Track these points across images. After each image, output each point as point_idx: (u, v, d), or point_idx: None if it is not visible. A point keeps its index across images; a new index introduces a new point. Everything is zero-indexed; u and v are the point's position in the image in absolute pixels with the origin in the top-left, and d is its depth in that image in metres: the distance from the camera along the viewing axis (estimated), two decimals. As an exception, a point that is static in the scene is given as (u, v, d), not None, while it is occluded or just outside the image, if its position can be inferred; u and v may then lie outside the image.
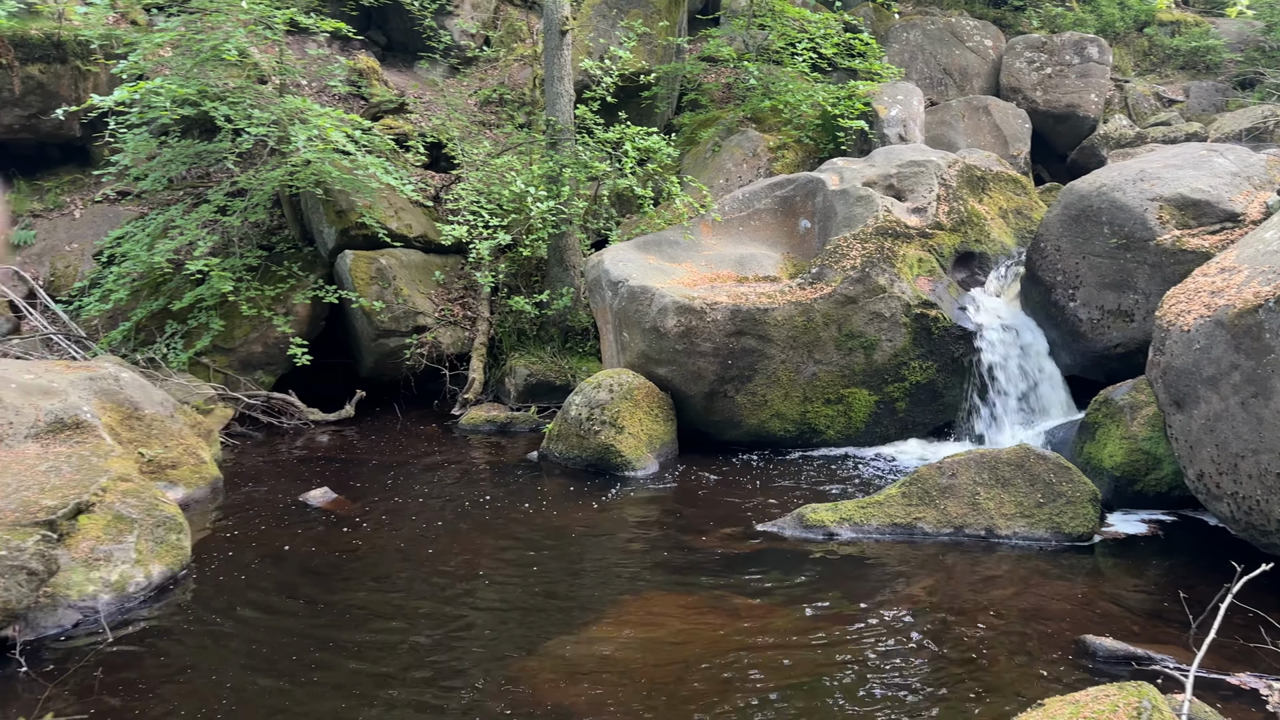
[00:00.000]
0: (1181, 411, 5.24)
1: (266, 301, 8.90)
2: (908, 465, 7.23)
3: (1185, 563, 5.25)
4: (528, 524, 6.19)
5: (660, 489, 6.92)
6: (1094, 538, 5.59)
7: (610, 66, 9.50)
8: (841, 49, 11.14)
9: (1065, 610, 4.74)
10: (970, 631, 4.53)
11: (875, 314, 7.57)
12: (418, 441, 8.36)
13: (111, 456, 5.53)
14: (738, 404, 7.63)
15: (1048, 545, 5.53)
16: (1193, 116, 13.01)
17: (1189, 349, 5.13)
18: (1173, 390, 5.28)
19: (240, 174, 9.00)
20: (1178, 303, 5.41)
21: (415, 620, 4.75)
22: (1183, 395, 5.21)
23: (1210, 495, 5.14)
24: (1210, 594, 4.50)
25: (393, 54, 12.31)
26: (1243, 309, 4.87)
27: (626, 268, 8.14)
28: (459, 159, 9.98)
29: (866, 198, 8.15)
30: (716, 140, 11.01)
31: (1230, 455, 4.93)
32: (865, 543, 5.69)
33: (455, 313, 9.62)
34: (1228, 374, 4.91)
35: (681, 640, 4.49)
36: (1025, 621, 4.64)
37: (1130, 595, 4.94)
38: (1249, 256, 5.33)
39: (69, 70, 10.11)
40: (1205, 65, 14.11)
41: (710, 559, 5.52)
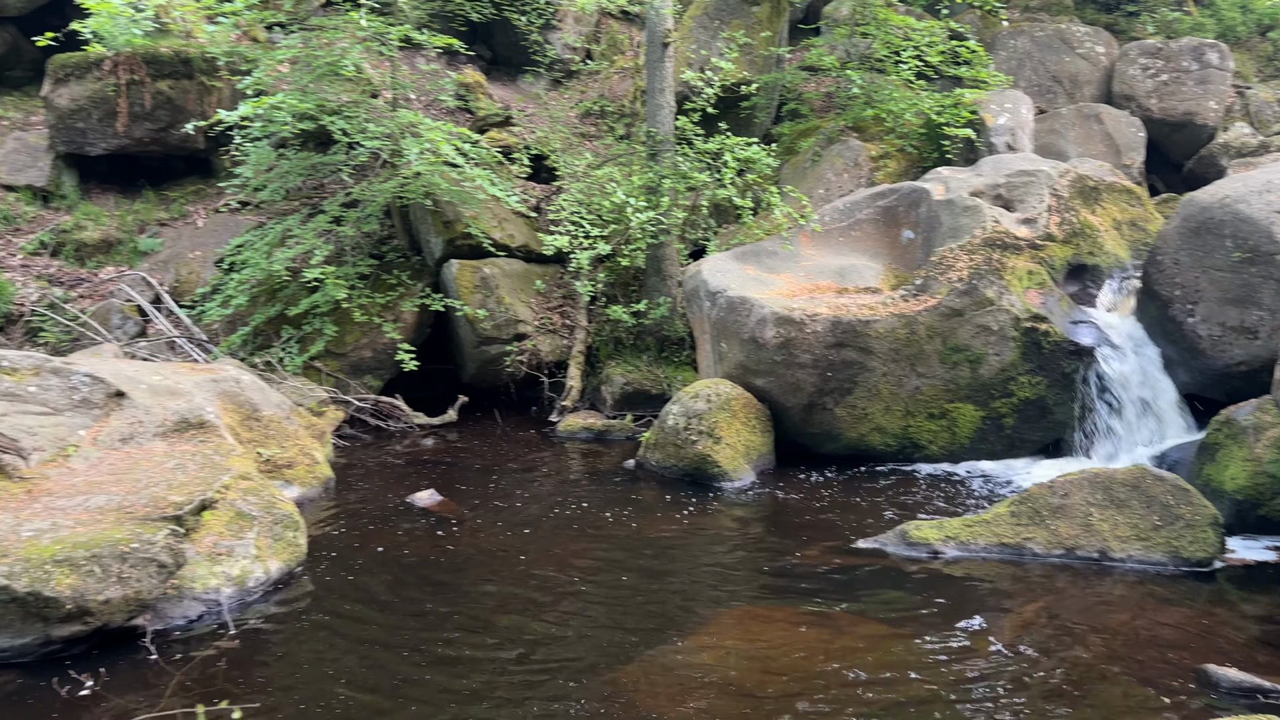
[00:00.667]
0: (1314, 434, 4.98)
1: (377, 308, 9.19)
2: (1015, 483, 7.04)
3: (1316, 594, 4.99)
4: (624, 532, 6.24)
5: (757, 501, 6.89)
6: (1214, 563, 5.35)
7: (712, 78, 9.53)
8: (947, 57, 10.94)
9: (1184, 638, 4.55)
10: (1083, 656, 4.40)
11: (982, 327, 7.40)
12: (517, 447, 8.52)
13: (233, 455, 5.79)
14: (837, 417, 7.55)
15: (1165, 570, 5.32)
16: (1323, 123, 12.35)
17: (1323, 369, 4.88)
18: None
19: (354, 185, 9.33)
20: (1310, 320, 5.15)
21: (514, 625, 4.84)
22: (1316, 417, 4.95)
23: (1345, 523, 4.87)
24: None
25: (497, 68, 12.60)
26: (1384, 327, 4.61)
27: (725, 278, 8.15)
28: (560, 170, 10.14)
29: (974, 208, 7.98)
30: (816, 150, 10.93)
31: (1369, 482, 4.66)
32: (971, 562, 5.56)
33: (554, 321, 9.78)
34: (1367, 396, 4.65)
35: (781, 655, 4.47)
36: (1141, 648, 4.47)
37: (1255, 625, 4.72)
38: (1391, 272, 5.05)
39: (195, 85, 10.64)
40: (1337, 69, 13.38)
41: (809, 573, 5.48)
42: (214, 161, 11.01)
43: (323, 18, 8.44)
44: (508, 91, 12.15)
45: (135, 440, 5.78)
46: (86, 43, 8.84)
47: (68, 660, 4.33)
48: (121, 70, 10.32)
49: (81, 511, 4.86)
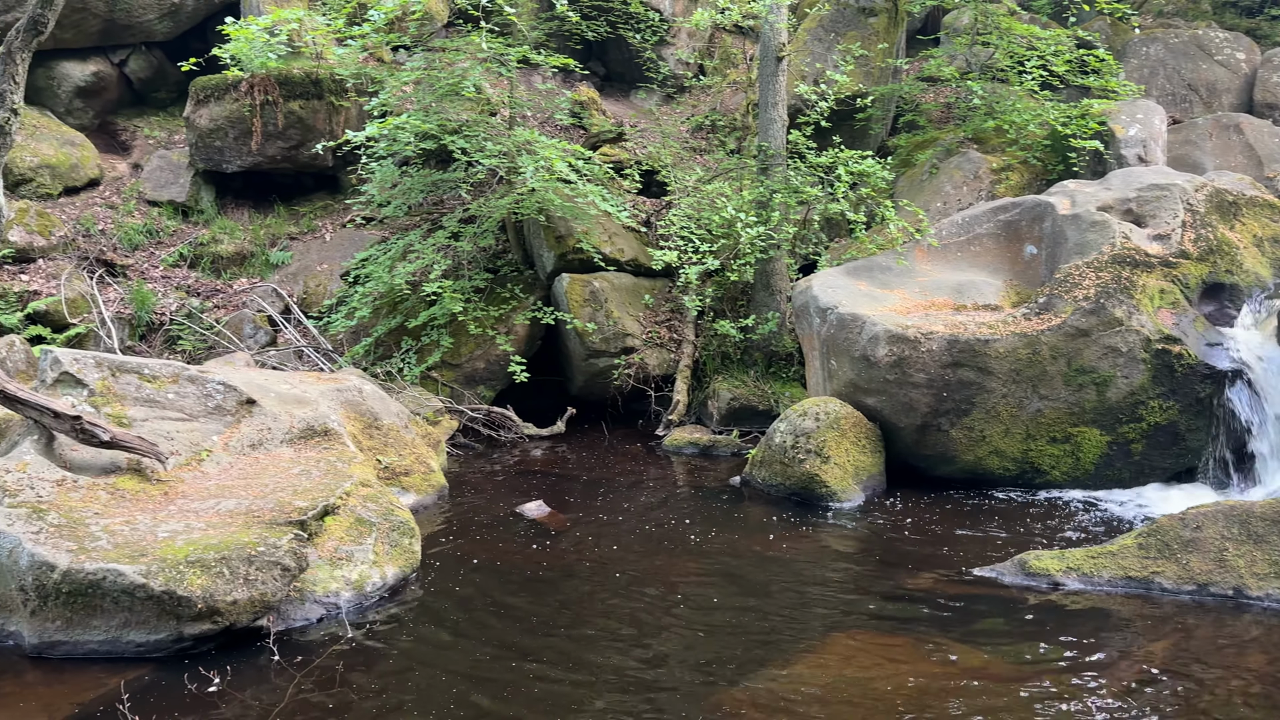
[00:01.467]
0: None
1: (490, 321, 9.42)
2: (1143, 514, 6.70)
3: None
4: (729, 550, 6.21)
5: (866, 523, 6.76)
6: (1368, 609, 4.98)
7: (826, 91, 9.43)
8: (1074, 66, 10.54)
9: (1332, 689, 4.24)
10: (1214, 700, 4.14)
11: (1110, 348, 7.08)
12: (623, 460, 8.58)
13: (354, 463, 6.02)
14: (952, 438, 7.34)
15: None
16: None
17: None
18: None
19: (472, 202, 9.59)
20: None
21: (618, 639, 4.86)
22: None
23: None
24: None
25: (610, 84, 12.77)
26: None
27: (835, 294, 8.03)
28: (671, 185, 10.20)
29: (1101, 223, 7.66)
30: (934, 162, 10.69)
31: None
32: (1094, 595, 5.32)
33: (662, 335, 9.82)
34: None
35: (890, 684, 4.36)
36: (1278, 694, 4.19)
37: None
38: None
39: (324, 106, 11.13)
40: None
41: (920, 601, 5.33)
42: (341, 178, 11.49)
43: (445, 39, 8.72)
44: (621, 107, 12.29)
45: (264, 446, 6.07)
46: (226, 66, 9.35)
47: (196, 658, 4.56)
48: (256, 91, 10.89)
49: (213, 514, 5.13)
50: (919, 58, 11.85)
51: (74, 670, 4.48)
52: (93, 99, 11.94)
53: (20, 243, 10.15)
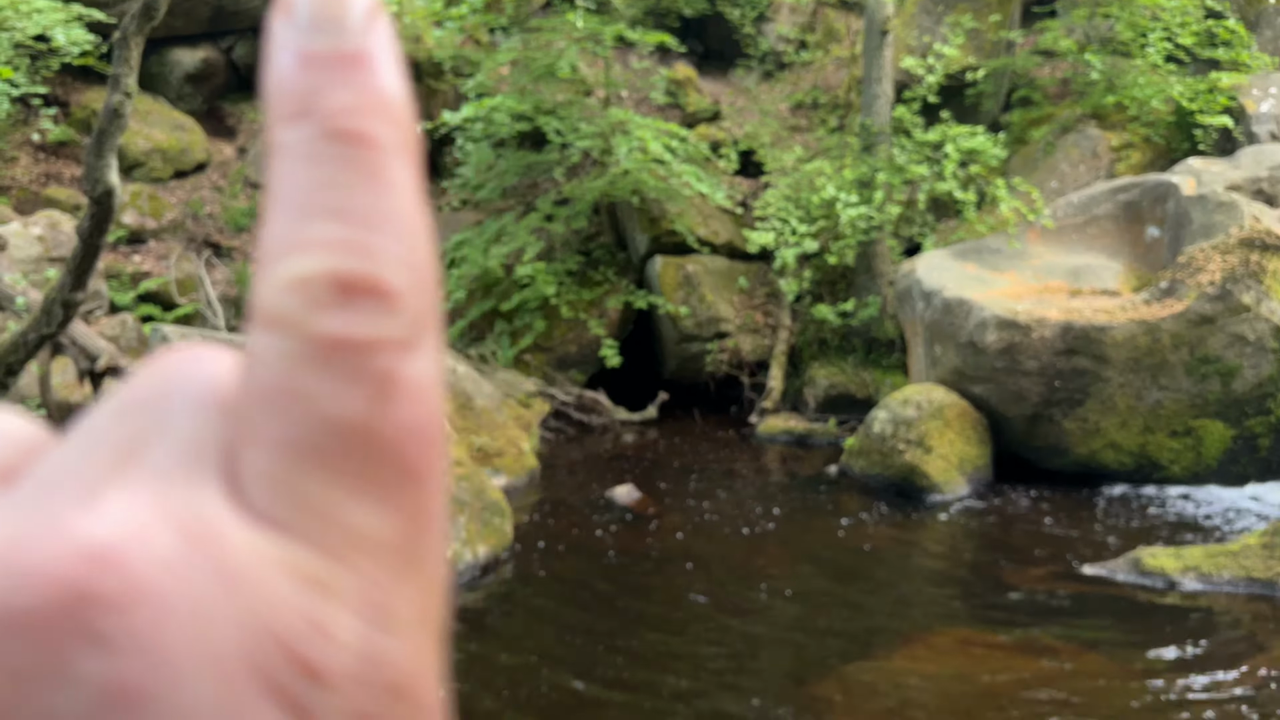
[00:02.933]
0: None
1: (583, 305, 9.39)
2: (1269, 512, 6.25)
3: None
4: (823, 541, 6.04)
5: (970, 516, 6.49)
6: None
7: (934, 65, 9.06)
8: (1202, 37, 9.88)
9: None
10: (1357, 721, 3.81)
11: (1237, 336, 6.63)
12: (716, 447, 8.45)
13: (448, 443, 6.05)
14: (1065, 430, 6.99)
15: None
16: None
17: None
18: None
19: (565, 184, 9.57)
20: None
21: (710, 627, 4.77)
22: None
23: None
24: None
25: (709, 62, 12.56)
26: None
27: (941, 277, 7.74)
28: (768, 165, 9.97)
29: (1229, 204, 7.17)
30: (1049, 139, 10.18)
31: None
32: (1213, 596, 4.98)
33: (756, 320, 9.63)
34: None
35: (991, 682, 4.15)
36: None
37: None
38: None
39: (422, 88, 11.25)
40: None
41: (1025, 598, 5.08)
42: (438, 161, 11.61)
43: (542, 19, 8.69)
44: (718, 85, 12.08)
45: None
46: (328, 52, 9.50)
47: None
48: (358, 76, 11.07)
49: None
50: (1034, 30, 11.27)
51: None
52: (201, 84, 12.34)
53: (133, 225, 10.58)
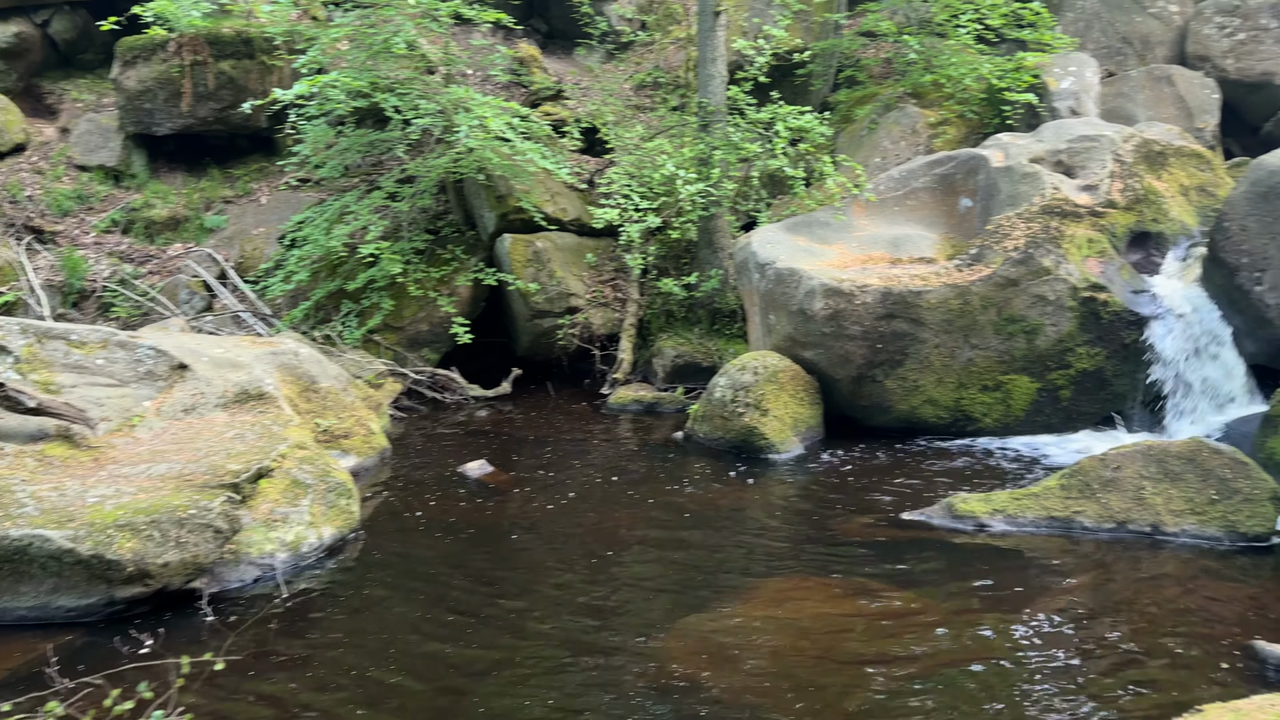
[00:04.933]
0: (1382, 407, 4.79)
1: (432, 283, 9.36)
2: (1069, 457, 6.89)
3: (1381, 572, 4.81)
4: (670, 503, 6.30)
5: (803, 473, 6.88)
6: (1273, 539, 5.19)
7: (764, 46, 9.41)
8: (1010, 19, 10.62)
9: (1235, 614, 4.45)
10: (1129, 631, 4.32)
11: (1039, 297, 7.24)
12: (569, 419, 8.62)
13: (290, 426, 5.98)
14: (887, 389, 7.48)
15: (1219, 545, 5.18)
16: None
17: (1392, 338, 4.68)
18: (1372, 383, 4.82)
19: (409, 162, 9.47)
20: (1381, 287, 4.93)
21: (560, 592, 4.93)
22: (1384, 389, 4.76)
23: None
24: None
25: (553, 41, 12.62)
26: None
27: (774, 249, 8.10)
28: (612, 143, 10.15)
29: (1033, 175, 7.79)
30: (873, 118, 10.75)
31: None
32: (1018, 536, 5.49)
33: (606, 294, 9.83)
34: None
35: (819, 625, 4.48)
36: (1190, 624, 4.38)
37: (1313, 603, 4.58)
38: None
39: (256, 65, 10.89)
40: None
41: (852, 545, 5.46)
42: (277, 140, 11.26)
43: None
44: (563, 64, 12.16)
45: (197, 411, 6.00)
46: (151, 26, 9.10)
47: (129, 620, 4.54)
48: (185, 51, 10.62)
49: (144, 479, 5.08)
50: (858, 12, 11.85)
51: (2, 637, 4.44)
52: (15, 61, 11.55)
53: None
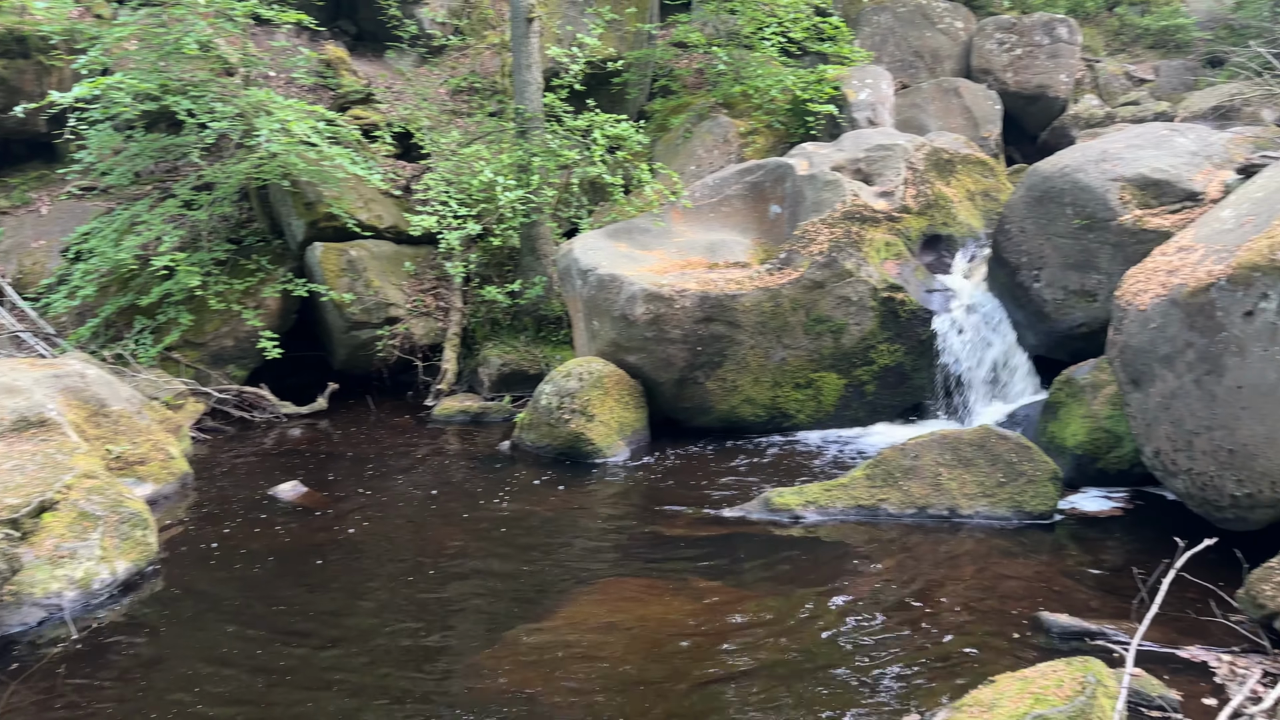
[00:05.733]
0: (1139, 390, 5.31)
1: (236, 295, 8.87)
2: (876, 447, 7.27)
3: (1143, 539, 5.32)
4: (497, 514, 6.22)
5: (630, 476, 6.95)
6: (1055, 516, 5.66)
7: (578, 54, 9.47)
8: (811, 33, 11.14)
9: (1024, 588, 4.81)
10: (931, 610, 4.60)
11: (843, 298, 7.61)
12: (391, 433, 8.37)
13: (76, 454, 5.52)
14: (708, 390, 7.67)
15: (1009, 524, 5.60)
16: (1162, 96, 13.07)
17: (1145, 328, 5.19)
18: (1130, 369, 5.34)
19: (206, 168, 8.94)
20: (1136, 282, 5.47)
21: (383, 612, 4.77)
22: (1140, 374, 5.27)
23: (1167, 472, 5.21)
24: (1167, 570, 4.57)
25: (362, 44, 12.23)
26: (1196, 288, 4.93)
27: (596, 256, 8.15)
28: (428, 148, 9.95)
29: (834, 182, 8.18)
30: (688, 126, 11.01)
31: (1185, 432, 5.00)
32: (830, 525, 5.74)
33: (427, 303, 9.61)
34: (1182, 352, 4.97)
35: (645, 625, 4.53)
36: (985, 599, 4.70)
37: (1087, 572, 5.02)
38: (1205, 236, 5.39)
39: (32, 65, 10.00)
40: (1175, 44, 14.17)
41: (677, 544, 5.56)
42: (58, 146, 10.37)
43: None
44: (374, 68, 11.81)
45: (-35, 442, 5.44)
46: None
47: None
48: (-54, 48, 9.61)
49: (-100, 521, 4.56)
50: (669, 23, 12.13)
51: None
52: None
53: None
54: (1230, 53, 12.88)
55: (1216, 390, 4.80)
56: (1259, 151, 6.99)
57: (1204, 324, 4.86)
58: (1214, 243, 5.19)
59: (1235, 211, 5.42)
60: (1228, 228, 5.26)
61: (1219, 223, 5.43)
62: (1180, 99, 12.49)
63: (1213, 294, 4.83)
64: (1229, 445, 4.77)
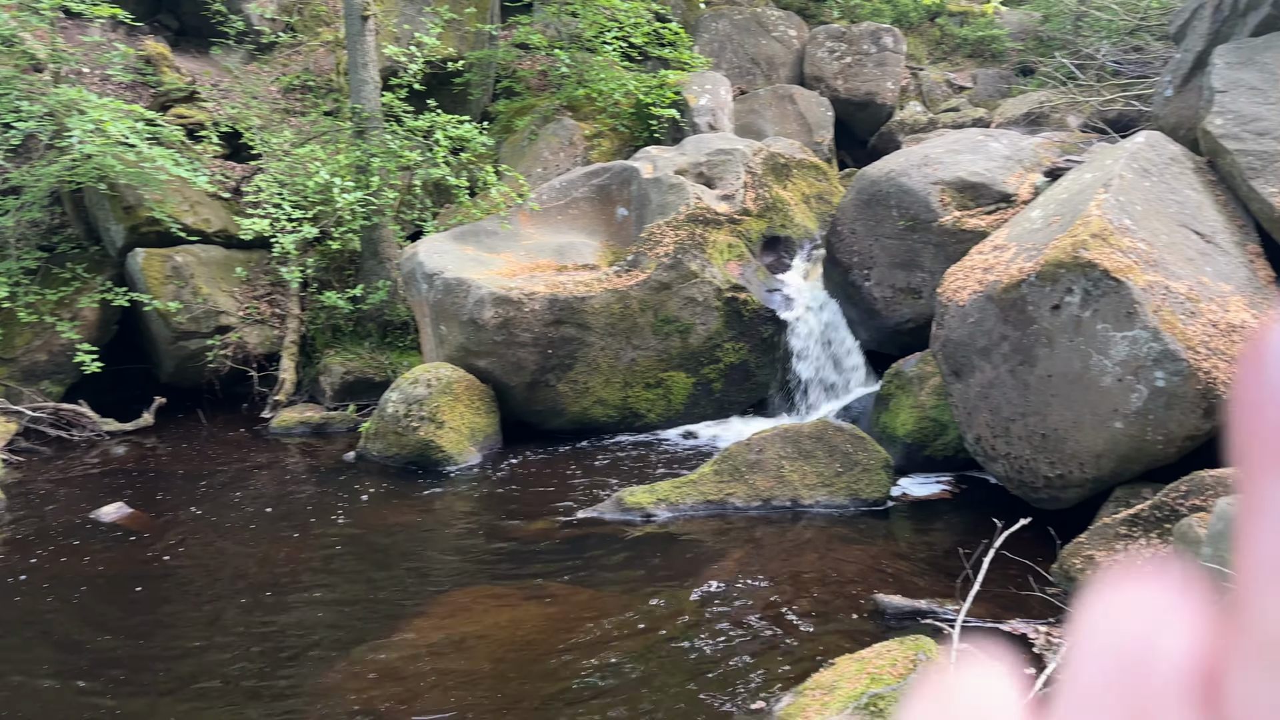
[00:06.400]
0: (960, 380, 5.65)
1: (49, 306, 8.25)
2: (724, 444, 7.46)
3: (968, 521, 5.66)
4: (344, 527, 6.03)
5: (483, 482, 6.88)
6: (888, 502, 5.96)
7: (416, 53, 9.28)
8: (652, 38, 11.30)
9: (861, 572, 5.04)
10: (777, 599, 4.75)
11: (689, 299, 7.76)
12: (226, 448, 7.97)
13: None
14: (560, 392, 7.67)
15: (847, 511, 5.85)
16: (980, 102, 13.94)
17: (964, 322, 5.53)
18: (952, 361, 5.68)
19: (12, 170, 8.27)
20: (955, 279, 5.82)
21: (216, 638, 4.55)
22: (960, 365, 5.61)
23: (988, 457, 5.57)
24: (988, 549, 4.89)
25: (186, 39, 11.59)
26: (1009, 284, 5.29)
27: (442, 259, 8.02)
28: (259, 149, 9.53)
29: (678, 185, 8.33)
30: (533, 129, 10.97)
31: (1002, 419, 5.36)
32: (681, 521, 5.85)
33: (262, 311, 9.21)
34: (998, 344, 5.33)
35: (499, 633, 4.50)
36: (826, 585, 4.91)
37: (918, 554, 5.31)
38: (1017, 235, 5.79)
39: None
40: (991, 54, 15.14)
41: (530, 549, 5.55)
42: None
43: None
44: (198, 64, 11.21)
45: None
46: None
47: None
48: None
49: None
50: (511, 24, 12.05)
51: None
52: None
53: None
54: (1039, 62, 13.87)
55: (1029, 379, 5.17)
56: (1064, 155, 7.57)
57: (1016, 318, 5.22)
58: (1025, 241, 5.58)
59: (1043, 212, 5.85)
60: (1036, 227, 5.67)
61: (1029, 222, 5.85)
62: (996, 105, 13.36)
63: (1024, 290, 5.19)
64: (1041, 430, 5.14)
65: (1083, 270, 4.95)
